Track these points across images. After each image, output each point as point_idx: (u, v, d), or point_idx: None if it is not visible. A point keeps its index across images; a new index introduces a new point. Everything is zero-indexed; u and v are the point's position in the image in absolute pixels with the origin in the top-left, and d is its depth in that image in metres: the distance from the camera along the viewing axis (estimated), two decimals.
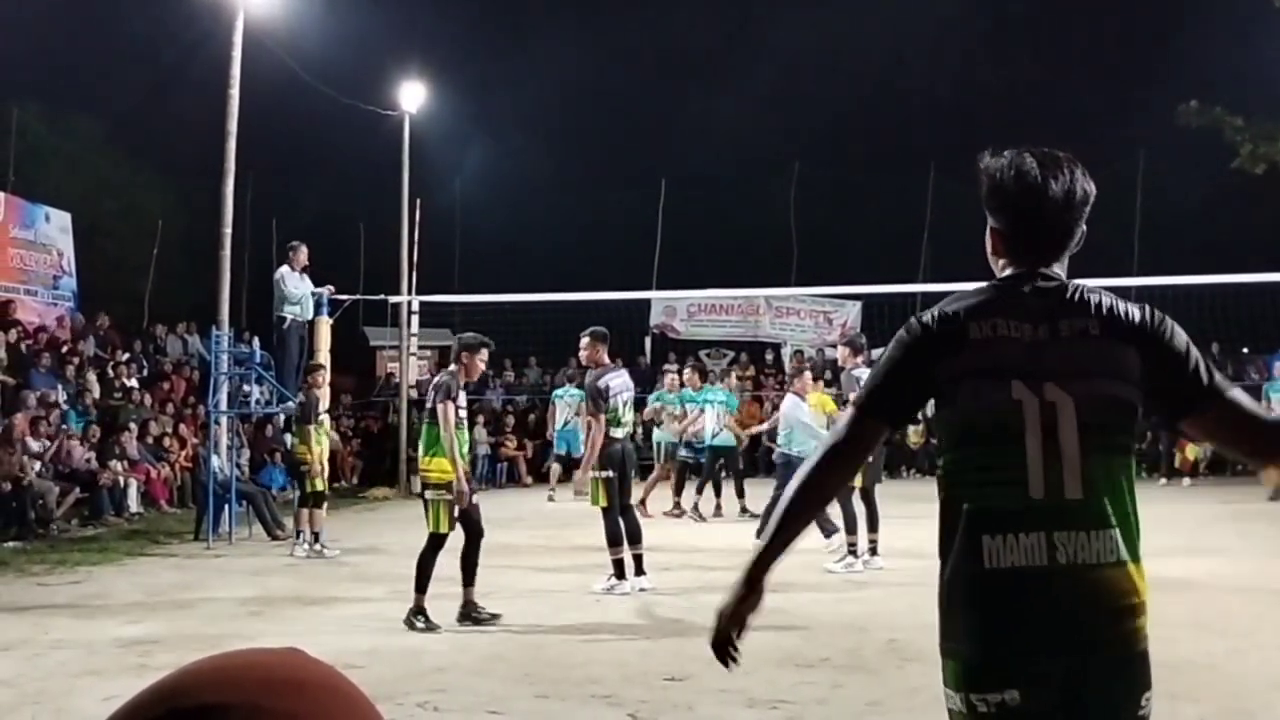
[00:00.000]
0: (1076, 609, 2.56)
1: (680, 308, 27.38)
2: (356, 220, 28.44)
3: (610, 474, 9.77)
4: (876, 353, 21.02)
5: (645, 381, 25.62)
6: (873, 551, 11.09)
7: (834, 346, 27.11)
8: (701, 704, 6.26)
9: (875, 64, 33.25)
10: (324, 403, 15.07)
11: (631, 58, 34.36)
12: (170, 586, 10.70)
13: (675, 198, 29.64)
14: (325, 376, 12.30)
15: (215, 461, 14.47)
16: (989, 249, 2.88)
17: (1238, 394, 2.72)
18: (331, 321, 15.13)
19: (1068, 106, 30.24)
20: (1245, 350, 23.86)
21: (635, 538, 10.01)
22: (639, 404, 14.30)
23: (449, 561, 8.67)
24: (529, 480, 22.96)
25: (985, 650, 2.67)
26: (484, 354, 9.13)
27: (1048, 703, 2.56)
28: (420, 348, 22.33)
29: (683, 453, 16.88)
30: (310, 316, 14.86)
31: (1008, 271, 2.79)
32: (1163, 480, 20.51)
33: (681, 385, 17.51)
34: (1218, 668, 6.87)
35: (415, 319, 20.73)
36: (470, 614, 8.61)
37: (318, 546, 12.58)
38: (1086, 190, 2.78)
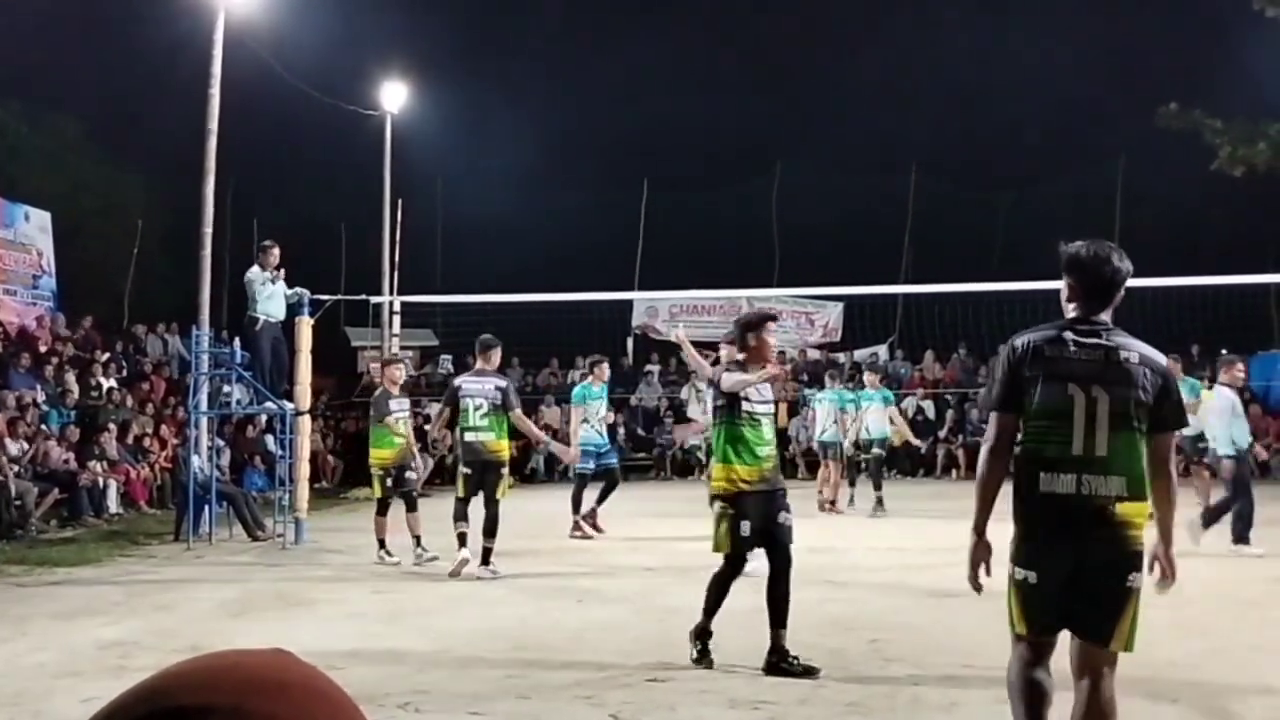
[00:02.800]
0: (1087, 521, 4.19)
1: (662, 308, 27.39)
2: (338, 220, 28.38)
3: (469, 471, 10.98)
4: (860, 353, 21.19)
5: (628, 382, 25.68)
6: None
7: (816, 348, 27.24)
8: (684, 704, 6.26)
9: (858, 65, 33.35)
10: (305, 402, 15.04)
11: (614, 58, 34.35)
12: (150, 587, 10.65)
13: (658, 198, 29.67)
14: (400, 372, 12.45)
15: (195, 462, 14.41)
16: (1064, 297, 4.56)
17: (1168, 440, 4.40)
18: (313, 321, 15.07)
19: (1050, 109, 30.35)
20: (1224, 351, 23.93)
21: (490, 532, 10.79)
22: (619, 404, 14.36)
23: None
24: (511, 481, 22.89)
25: (1026, 541, 4.34)
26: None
27: (1055, 582, 4.25)
28: (402, 348, 22.28)
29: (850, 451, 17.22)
30: (282, 317, 14.77)
31: (1074, 314, 4.46)
32: None
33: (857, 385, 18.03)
34: (1198, 669, 6.91)
35: (397, 319, 20.69)
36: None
37: (419, 550, 11.78)
38: (1129, 270, 4.53)
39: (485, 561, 10.74)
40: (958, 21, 33.31)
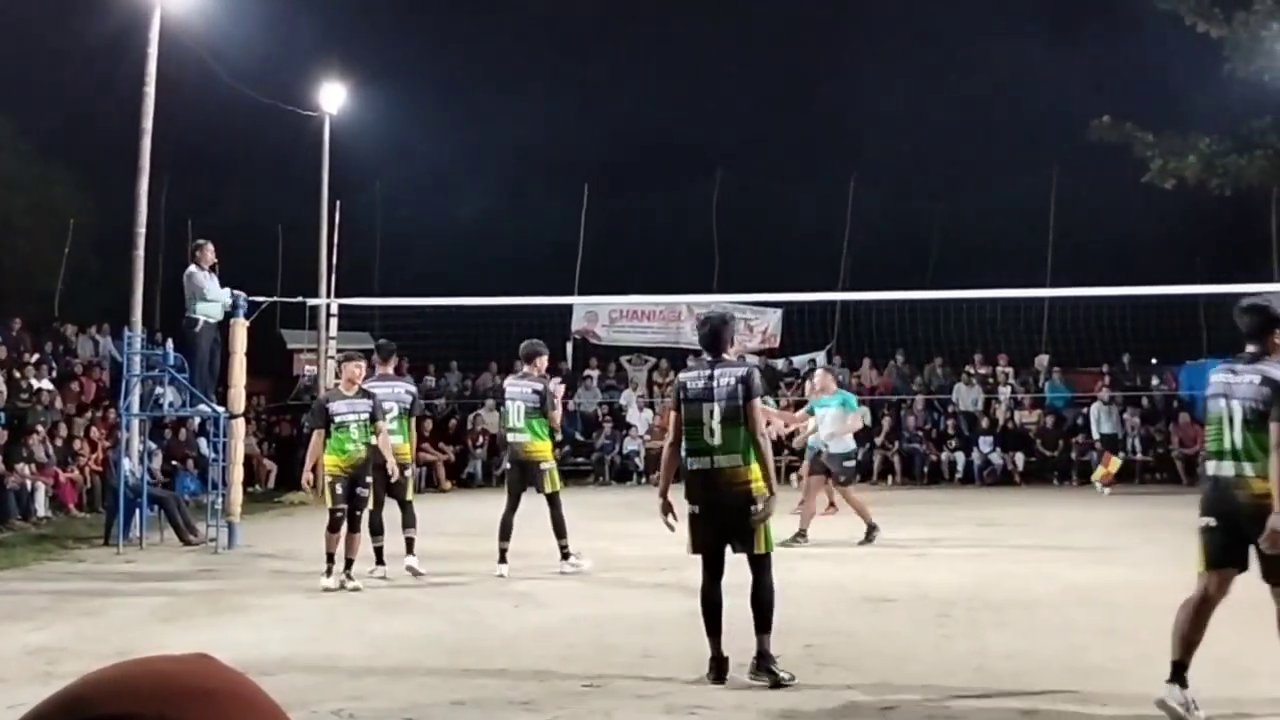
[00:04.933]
0: (1231, 491, 6.02)
1: (602, 313, 27.37)
2: (275, 221, 28.07)
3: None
4: (799, 359, 21.23)
5: (567, 387, 25.57)
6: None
7: (754, 354, 27.35)
8: (620, 710, 6.26)
9: (797, 75, 33.58)
10: (239, 405, 14.88)
11: (553, 61, 34.35)
12: (78, 592, 10.48)
13: (598, 203, 29.65)
14: (359, 370, 11.16)
15: (126, 465, 14.18)
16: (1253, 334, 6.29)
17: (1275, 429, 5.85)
18: (248, 323, 14.89)
19: (985, 119, 30.72)
20: (1154, 361, 24.40)
21: (376, 531, 11.07)
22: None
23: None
24: (448, 486, 22.79)
25: (1204, 501, 6.24)
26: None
27: (1224, 530, 6.12)
28: (339, 350, 22.07)
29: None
30: (220, 318, 14.59)
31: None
32: (1107, 490, 20.85)
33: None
34: (1127, 673, 7.01)
35: (334, 322, 20.50)
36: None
37: (345, 576, 10.60)
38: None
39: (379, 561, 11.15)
40: (894, 35, 33.67)
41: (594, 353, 27.02)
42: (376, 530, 11.04)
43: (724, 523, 7.02)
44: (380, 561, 11.00)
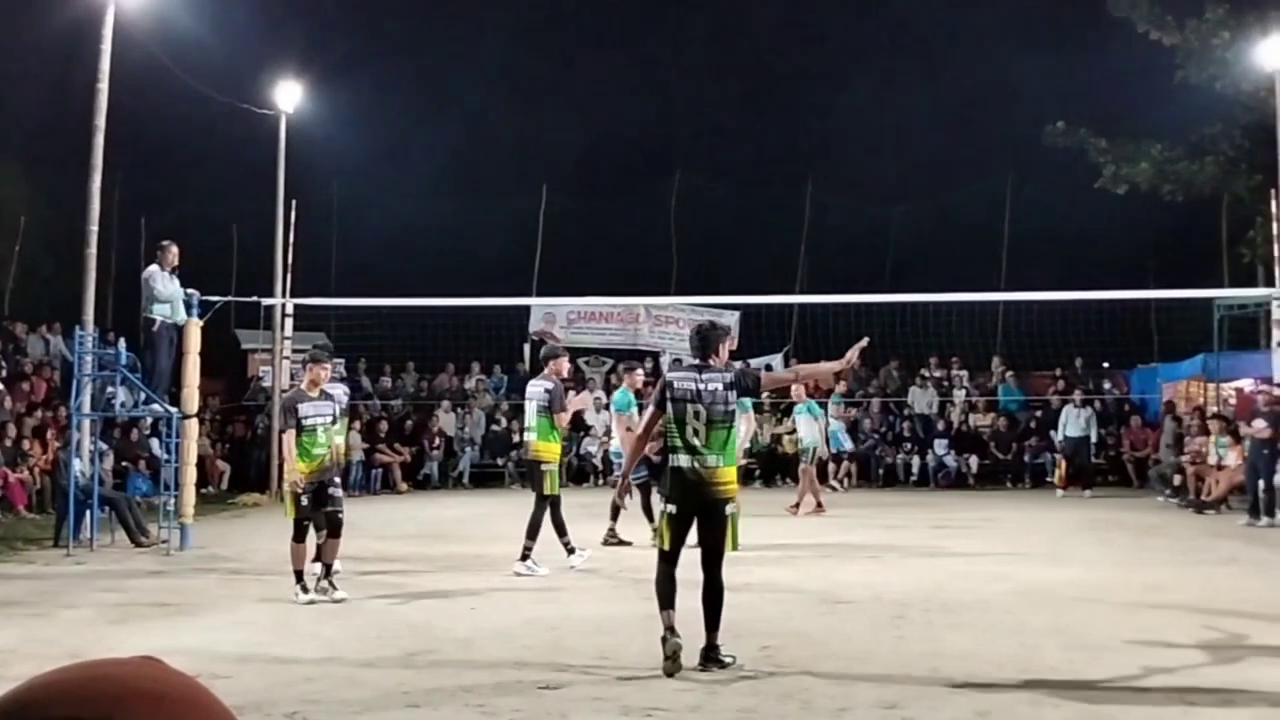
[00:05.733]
0: None
1: (560, 314, 27.35)
2: (230, 220, 27.84)
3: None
4: (755, 361, 21.52)
5: (525, 387, 25.54)
6: None
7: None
8: (576, 712, 6.25)
9: (755, 77, 33.68)
10: (193, 406, 14.74)
11: (512, 63, 34.25)
12: (28, 594, 10.34)
13: (556, 205, 29.62)
14: (325, 372, 10.71)
15: (77, 465, 14.02)
16: None
17: None
18: (202, 323, 14.76)
19: (940, 123, 30.93)
20: (1106, 365, 24.66)
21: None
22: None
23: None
24: (404, 487, 22.70)
25: None
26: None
27: None
28: (294, 351, 21.94)
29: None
30: (181, 318, 14.47)
31: None
32: (1088, 492, 21.09)
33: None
34: (1079, 673, 7.08)
35: (289, 322, 20.36)
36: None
37: (325, 584, 10.09)
38: None
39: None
40: (852, 40, 33.82)
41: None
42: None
43: (698, 521, 7.36)
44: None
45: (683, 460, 7.31)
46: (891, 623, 8.74)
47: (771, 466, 24.03)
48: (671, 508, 7.35)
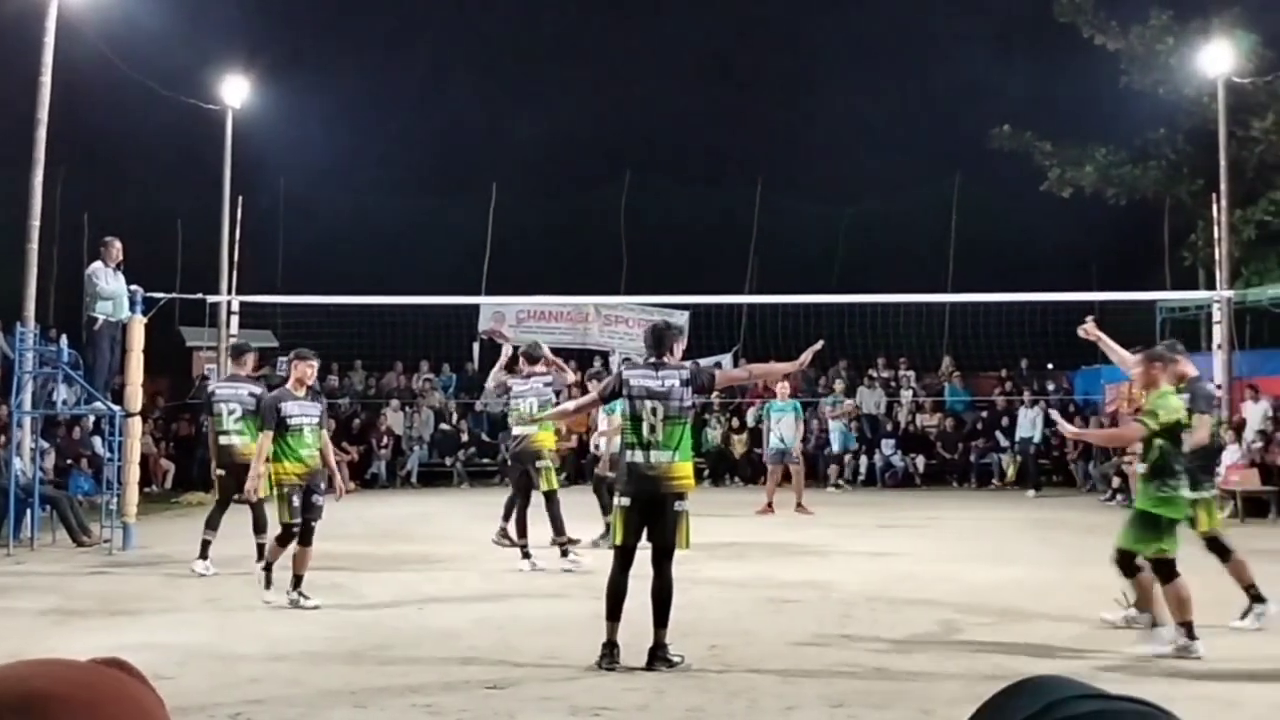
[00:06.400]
0: None
1: (509, 313, 27.26)
2: (174, 216, 27.51)
3: (222, 473, 11.60)
4: (705, 361, 21.58)
5: (474, 387, 25.45)
6: None
7: None
8: (524, 712, 6.24)
9: (706, 77, 33.74)
10: (136, 404, 14.56)
11: (463, 61, 34.11)
12: None
13: (506, 203, 29.54)
14: (311, 370, 10.30)
15: (17, 464, 13.82)
16: None
17: None
18: (146, 320, 14.57)
19: (888, 125, 31.14)
20: (1050, 366, 24.92)
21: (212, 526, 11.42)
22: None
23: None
24: (352, 486, 22.52)
25: None
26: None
27: None
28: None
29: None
30: (124, 316, 14.30)
31: None
32: (1031, 492, 21.33)
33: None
34: (1023, 671, 7.12)
35: (235, 320, 20.16)
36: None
37: (296, 595, 9.61)
38: None
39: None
40: (800, 41, 33.99)
41: (501, 353, 26.88)
42: (213, 526, 11.39)
43: (650, 515, 7.46)
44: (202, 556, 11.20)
45: (638, 456, 7.44)
46: (838, 622, 8.80)
47: (721, 466, 24.10)
48: (625, 500, 7.45)
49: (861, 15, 32.24)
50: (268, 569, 9.76)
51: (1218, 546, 8.59)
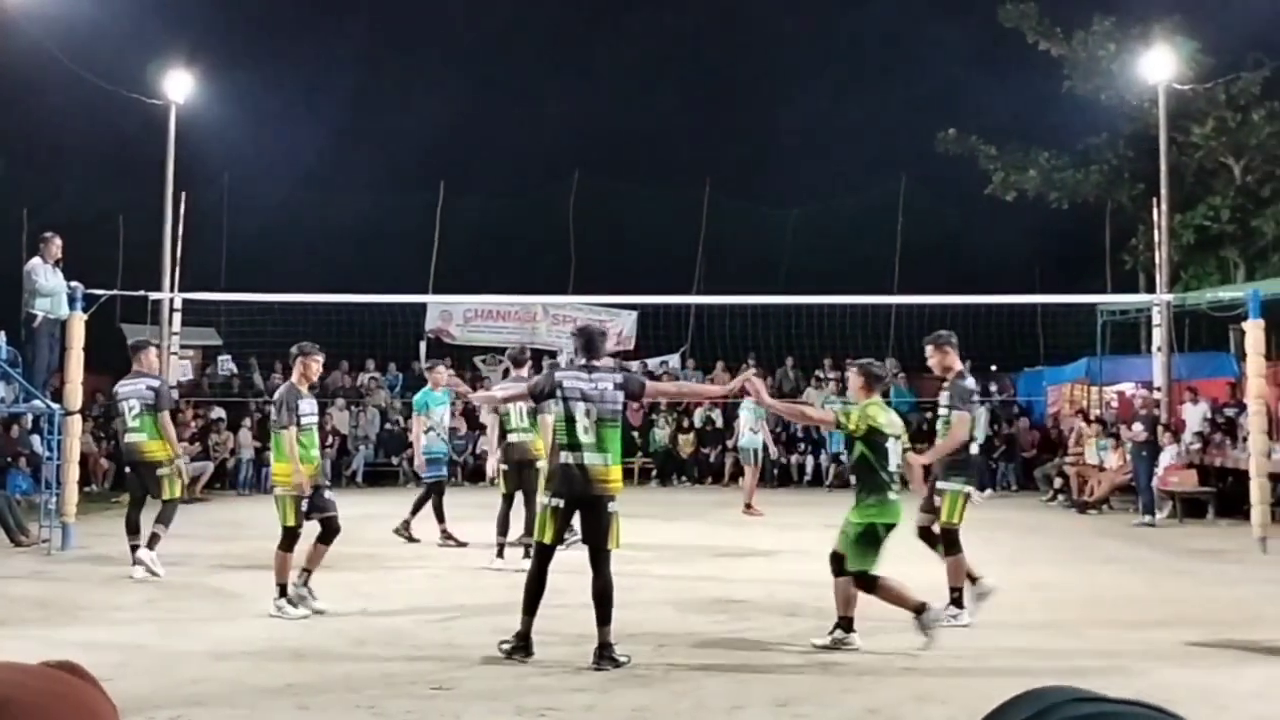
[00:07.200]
0: None
1: (456, 312, 27.16)
2: (116, 212, 27.15)
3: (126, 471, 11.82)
4: (652, 362, 21.68)
5: (421, 386, 25.26)
6: None
7: (609, 355, 27.44)
8: (469, 712, 6.21)
9: (655, 79, 33.78)
10: (76, 402, 14.35)
11: (412, 59, 33.94)
12: None
13: (454, 202, 29.40)
14: (318, 366, 9.91)
15: None
16: None
17: None
18: (86, 317, 14.36)
19: (835, 128, 31.32)
20: (994, 368, 25.17)
21: (133, 530, 11.34)
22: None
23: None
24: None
25: None
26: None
27: None
28: (182, 347, 21.47)
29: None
30: (63, 313, 14.08)
31: None
32: (986, 492, 21.51)
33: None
34: (965, 670, 7.22)
35: (178, 317, 19.93)
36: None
37: (304, 591, 9.37)
38: None
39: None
40: (749, 44, 34.13)
41: (448, 352, 26.77)
42: (133, 530, 11.32)
43: (583, 517, 7.58)
44: (138, 561, 11.01)
45: (571, 457, 7.49)
46: (784, 621, 8.83)
47: (668, 466, 24.14)
48: (557, 501, 7.51)
49: (810, 21, 32.48)
50: (281, 588, 9.12)
51: (950, 540, 8.75)
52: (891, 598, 7.76)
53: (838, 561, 7.94)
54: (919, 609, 7.68)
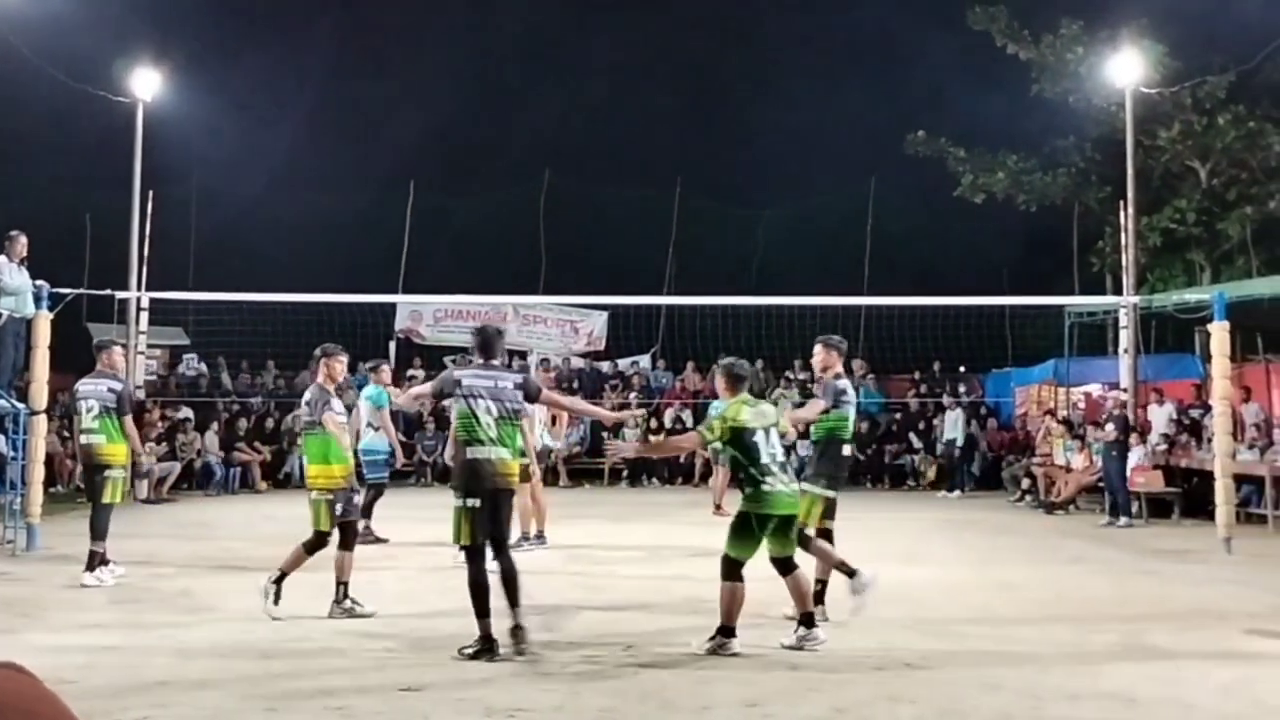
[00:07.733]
0: None
1: (426, 312, 27.09)
2: (83, 210, 26.94)
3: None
4: (623, 362, 21.65)
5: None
6: None
7: (580, 356, 27.44)
8: (438, 713, 6.19)
9: (626, 78, 33.79)
10: (41, 401, 14.23)
11: (383, 60, 33.84)
12: None
13: (424, 202, 29.32)
14: (342, 366, 9.86)
15: None
16: None
17: None
18: (52, 316, 14.24)
19: (805, 130, 31.41)
20: (962, 369, 25.32)
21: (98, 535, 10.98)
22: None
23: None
24: (264, 486, 22.23)
25: None
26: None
27: None
28: (150, 346, 21.32)
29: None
30: (29, 312, 13.96)
31: None
32: (956, 492, 21.67)
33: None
34: (933, 670, 7.25)
35: (145, 316, 19.79)
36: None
37: (350, 601, 9.27)
38: None
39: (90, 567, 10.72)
40: (721, 44, 34.21)
41: (418, 352, 26.71)
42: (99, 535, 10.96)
43: (489, 511, 7.76)
44: (102, 563, 10.82)
45: (479, 452, 7.72)
46: (752, 622, 8.84)
47: (638, 467, 24.13)
48: (473, 501, 7.69)
49: (782, 24, 32.56)
50: (279, 579, 9.00)
51: (802, 541, 8.78)
52: (732, 604, 7.82)
53: (732, 567, 7.94)
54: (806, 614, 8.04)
